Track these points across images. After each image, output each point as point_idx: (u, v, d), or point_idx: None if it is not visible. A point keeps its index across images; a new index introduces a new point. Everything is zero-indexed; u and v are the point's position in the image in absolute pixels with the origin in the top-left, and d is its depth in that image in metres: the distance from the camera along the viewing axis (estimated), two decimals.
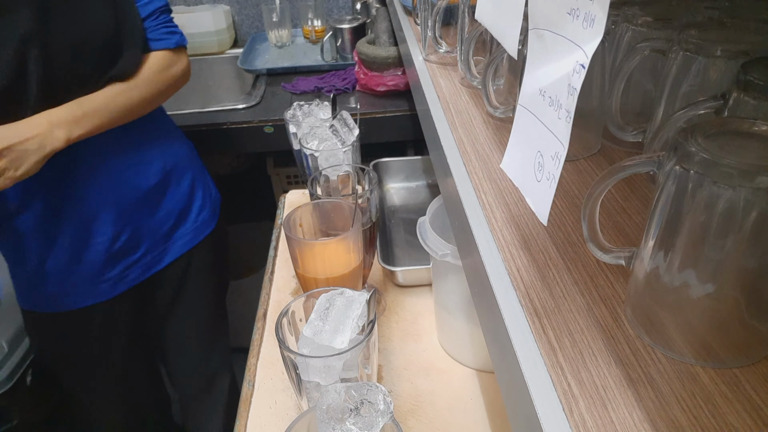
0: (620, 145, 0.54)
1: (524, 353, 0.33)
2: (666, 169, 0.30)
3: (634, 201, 0.45)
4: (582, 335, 0.34)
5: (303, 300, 0.61)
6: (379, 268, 0.99)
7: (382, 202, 1.23)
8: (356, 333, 0.57)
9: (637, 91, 0.52)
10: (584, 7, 0.29)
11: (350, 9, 1.89)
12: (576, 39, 0.30)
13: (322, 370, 0.54)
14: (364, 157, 0.97)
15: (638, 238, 0.36)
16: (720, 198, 0.28)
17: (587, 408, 0.29)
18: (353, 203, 0.73)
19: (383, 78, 1.41)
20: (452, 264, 0.75)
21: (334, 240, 0.71)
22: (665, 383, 0.31)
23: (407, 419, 0.76)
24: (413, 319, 0.93)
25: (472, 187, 0.49)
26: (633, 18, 0.50)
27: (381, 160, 1.28)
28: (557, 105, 0.32)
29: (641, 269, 0.33)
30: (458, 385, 0.81)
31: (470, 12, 0.67)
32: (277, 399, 0.80)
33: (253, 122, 1.38)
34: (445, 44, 0.77)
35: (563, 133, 0.31)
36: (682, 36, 0.41)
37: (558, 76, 0.32)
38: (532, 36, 0.35)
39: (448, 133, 0.59)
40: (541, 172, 0.34)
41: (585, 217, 0.35)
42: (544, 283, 0.38)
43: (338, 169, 0.82)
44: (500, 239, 0.42)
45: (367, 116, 1.39)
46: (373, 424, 0.45)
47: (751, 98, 0.34)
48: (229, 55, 1.86)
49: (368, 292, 0.59)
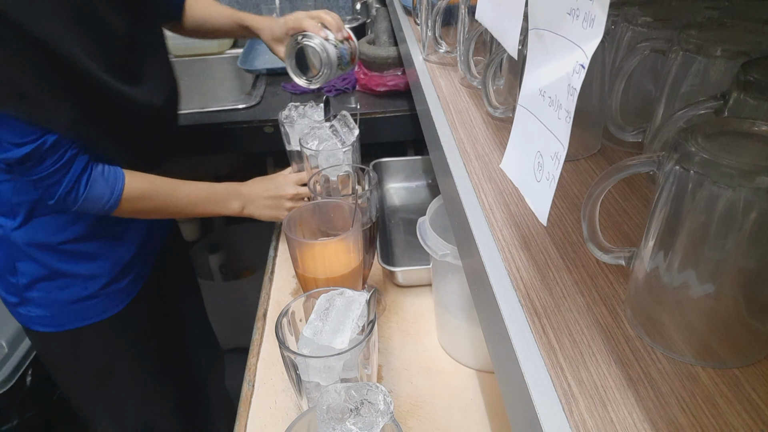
0: (620, 145, 0.54)
1: (524, 353, 0.33)
2: (666, 169, 0.30)
3: (634, 201, 0.45)
4: (582, 335, 0.34)
5: (303, 300, 0.61)
6: (379, 268, 0.99)
7: (382, 202, 1.23)
8: (356, 333, 0.57)
9: (637, 91, 0.52)
10: (584, 7, 0.29)
11: (350, 9, 1.89)
12: (576, 39, 0.30)
13: (322, 371, 0.54)
14: (364, 157, 0.98)
15: (638, 238, 0.36)
16: (720, 198, 0.28)
17: (587, 408, 0.29)
18: (353, 203, 0.73)
19: (383, 78, 1.41)
20: (452, 264, 0.75)
21: (334, 240, 0.71)
22: (665, 383, 0.31)
23: (407, 419, 0.76)
24: (413, 319, 0.93)
25: (472, 187, 0.49)
26: (633, 18, 0.50)
27: (381, 160, 1.28)
28: (557, 105, 0.32)
29: (641, 269, 0.33)
30: (458, 385, 0.81)
31: (470, 12, 0.67)
32: (277, 399, 0.80)
33: (253, 122, 1.38)
34: (445, 44, 0.77)
35: (563, 133, 0.31)
36: (682, 36, 0.41)
37: (558, 76, 0.32)
38: (532, 36, 0.35)
39: (448, 133, 0.59)
40: (541, 172, 0.34)
41: (585, 217, 0.35)
42: (544, 283, 0.38)
43: (338, 169, 0.83)
44: (500, 239, 0.42)
45: (367, 116, 1.39)
46: (373, 424, 0.45)
47: (751, 98, 0.34)
48: (229, 55, 1.86)
49: (368, 292, 0.59)
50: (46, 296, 0.98)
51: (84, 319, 1.01)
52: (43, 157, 0.81)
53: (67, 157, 0.83)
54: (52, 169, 0.82)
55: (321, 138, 0.88)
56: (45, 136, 0.80)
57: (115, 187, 0.88)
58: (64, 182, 0.84)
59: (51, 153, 0.81)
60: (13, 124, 0.78)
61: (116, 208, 0.89)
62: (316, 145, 0.87)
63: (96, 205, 0.88)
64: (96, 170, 0.87)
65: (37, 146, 0.80)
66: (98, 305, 1.01)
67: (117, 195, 0.88)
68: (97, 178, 0.86)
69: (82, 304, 1.00)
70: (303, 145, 0.86)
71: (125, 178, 0.89)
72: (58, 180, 0.83)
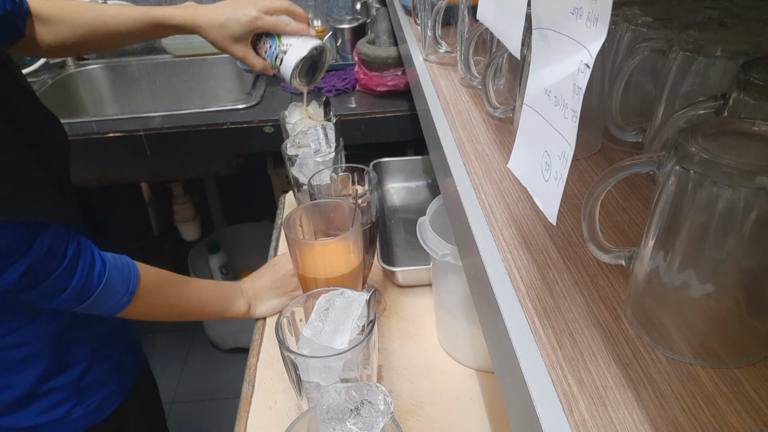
0: (620, 145, 0.54)
1: (524, 353, 0.33)
2: (666, 169, 0.30)
3: (634, 201, 0.45)
4: (582, 335, 0.34)
5: (303, 300, 0.61)
6: (379, 268, 0.99)
7: (382, 202, 1.23)
8: (356, 333, 0.57)
9: (637, 91, 0.52)
10: (587, 6, 0.29)
11: (350, 9, 1.89)
12: (580, 38, 0.30)
13: (322, 371, 0.54)
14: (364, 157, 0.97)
15: (638, 238, 0.36)
16: (720, 198, 0.28)
17: (587, 408, 0.29)
18: (353, 203, 0.73)
19: (383, 78, 1.41)
20: (452, 264, 0.75)
21: (334, 240, 0.71)
22: (665, 383, 0.31)
23: (407, 419, 0.76)
24: (413, 319, 0.93)
25: (472, 187, 0.49)
26: (633, 18, 0.50)
27: (381, 160, 1.28)
28: (563, 105, 0.32)
29: (641, 269, 0.33)
30: (458, 385, 0.81)
31: (470, 12, 0.67)
32: (277, 399, 0.80)
33: (253, 122, 1.38)
34: (445, 44, 0.77)
35: (570, 133, 0.31)
36: (682, 36, 0.41)
37: (563, 75, 0.32)
38: (536, 35, 0.35)
39: (448, 133, 0.59)
40: (549, 171, 0.34)
41: (585, 217, 0.35)
42: (544, 283, 0.38)
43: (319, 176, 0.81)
44: (500, 239, 0.42)
45: (367, 116, 1.39)
46: (373, 424, 0.45)
47: (751, 98, 0.34)
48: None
49: (368, 292, 0.59)
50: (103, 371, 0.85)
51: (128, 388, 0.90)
52: (44, 264, 0.67)
53: (71, 254, 0.69)
54: (58, 273, 0.68)
55: (299, 144, 0.87)
56: (38, 238, 0.66)
57: (130, 282, 0.75)
58: (73, 280, 0.70)
59: (50, 256, 0.67)
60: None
61: (129, 305, 0.75)
62: (293, 150, 0.86)
63: (108, 303, 0.74)
64: (108, 258, 0.74)
65: (34, 253, 0.65)
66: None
67: (132, 290, 0.75)
68: (111, 272, 0.73)
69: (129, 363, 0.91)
70: (282, 149, 0.86)
71: (139, 272, 0.76)
72: (67, 280, 0.70)
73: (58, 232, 0.68)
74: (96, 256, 0.73)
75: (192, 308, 0.85)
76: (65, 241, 0.69)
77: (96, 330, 0.84)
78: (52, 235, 0.67)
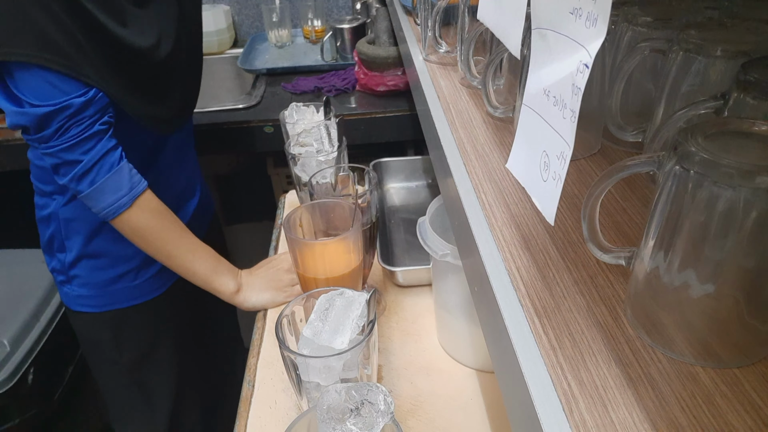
0: (620, 145, 0.54)
1: (524, 353, 0.33)
2: (666, 169, 0.30)
3: (634, 201, 0.45)
4: (582, 335, 0.34)
5: (303, 300, 0.61)
6: (379, 268, 0.99)
7: (382, 202, 1.23)
8: (356, 333, 0.57)
9: (637, 91, 0.52)
10: (586, 6, 0.29)
11: (350, 9, 1.89)
12: (579, 38, 0.30)
13: (322, 371, 0.54)
14: (365, 157, 0.98)
15: (638, 238, 0.36)
16: (720, 198, 0.28)
17: (587, 408, 0.29)
18: (353, 203, 0.73)
19: (383, 78, 1.41)
20: (452, 264, 0.75)
21: (334, 240, 0.71)
22: (665, 383, 0.31)
23: (407, 419, 0.76)
24: (413, 319, 0.93)
25: (472, 187, 0.49)
26: (633, 18, 0.50)
27: (381, 160, 1.28)
28: (562, 105, 0.32)
29: (641, 269, 0.33)
30: (458, 385, 0.81)
31: (470, 12, 0.67)
32: (277, 399, 0.80)
33: (253, 122, 1.38)
34: (445, 44, 0.77)
35: (568, 133, 0.31)
36: (682, 36, 0.41)
37: (562, 75, 0.32)
38: (535, 35, 0.35)
39: (448, 133, 0.59)
40: (547, 171, 0.34)
41: (585, 217, 0.35)
42: (544, 283, 0.38)
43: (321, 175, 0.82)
44: (500, 239, 0.42)
45: (367, 116, 1.39)
46: (373, 424, 0.45)
47: (751, 98, 0.34)
48: (229, 55, 1.86)
49: (368, 292, 0.59)
50: (88, 275, 0.98)
51: (124, 302, 1.02)
52: (66, 126, 0.76)
53: (94, 130, 0.78)
54: (75, 141, 0.77)
55: (302, 144, 0.88)
56: (70, 100, 0.76)
57: (136, 187, 0.83)
58: (84, 159, 0.79)
59: (75, 122, 0.77)
60: (35, 84, 0.74)
61: (127, 207, 0.83)
62: (296, 150, 0.87)
63: (108, 197, 0.81)
64: (124, 161, 0.83)
65: (58, 109, 0.75)
66: (138, 288, 1.01)
67: (135, 194, 0.83)
68: (123, 168, 0.82)
69: (122, 285, 1.00)
70: (286, 148, 0.86)
71: (148, 188, 0.85)
72: (79, 155, 0.78)
73: (90, 106, 0.78)
74: (118, 151, 0.82)
75: (182, 254, 0.90)
76: (93, 118, 0.78)
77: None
78: (83, 104, 0.77)
